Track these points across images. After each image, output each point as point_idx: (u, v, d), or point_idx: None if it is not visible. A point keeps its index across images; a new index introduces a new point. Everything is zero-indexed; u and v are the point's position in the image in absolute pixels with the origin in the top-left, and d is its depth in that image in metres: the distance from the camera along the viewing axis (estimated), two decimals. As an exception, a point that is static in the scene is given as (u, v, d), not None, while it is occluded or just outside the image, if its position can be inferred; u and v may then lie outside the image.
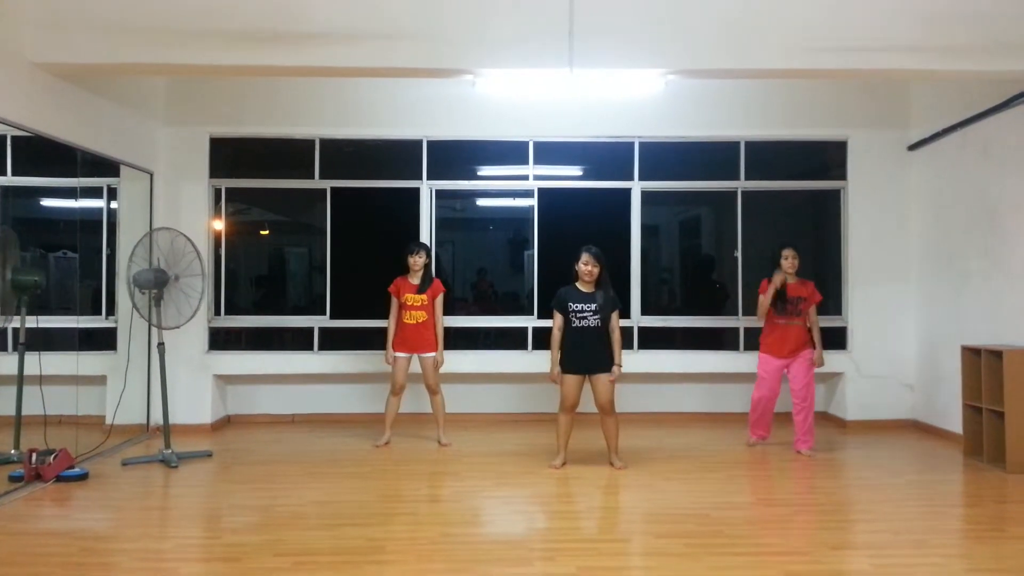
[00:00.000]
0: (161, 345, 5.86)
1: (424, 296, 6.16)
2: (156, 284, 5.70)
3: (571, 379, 5.42)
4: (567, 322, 5.42)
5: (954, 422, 6.18)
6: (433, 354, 6.19)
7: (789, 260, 5.90)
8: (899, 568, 3.62)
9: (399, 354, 6.17)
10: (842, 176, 7.26)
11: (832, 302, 7.32)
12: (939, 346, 6.67)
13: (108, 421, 6.12)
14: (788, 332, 5.88)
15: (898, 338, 7.13)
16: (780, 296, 5.90)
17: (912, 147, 7.07)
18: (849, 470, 5.67)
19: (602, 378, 5.40)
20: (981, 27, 5.11)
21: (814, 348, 5.95)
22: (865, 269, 7.16)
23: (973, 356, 5.76)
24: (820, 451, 6.01)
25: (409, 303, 6.15)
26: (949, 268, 6.58)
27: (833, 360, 7.11)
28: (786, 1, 5.18)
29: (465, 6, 5.16)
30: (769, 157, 7.32)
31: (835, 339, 7.17)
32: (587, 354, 5.39)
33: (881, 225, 7.16)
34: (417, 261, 6.16)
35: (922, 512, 4.55)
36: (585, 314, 5.36)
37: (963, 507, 4.86)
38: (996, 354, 5.49)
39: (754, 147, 7.29)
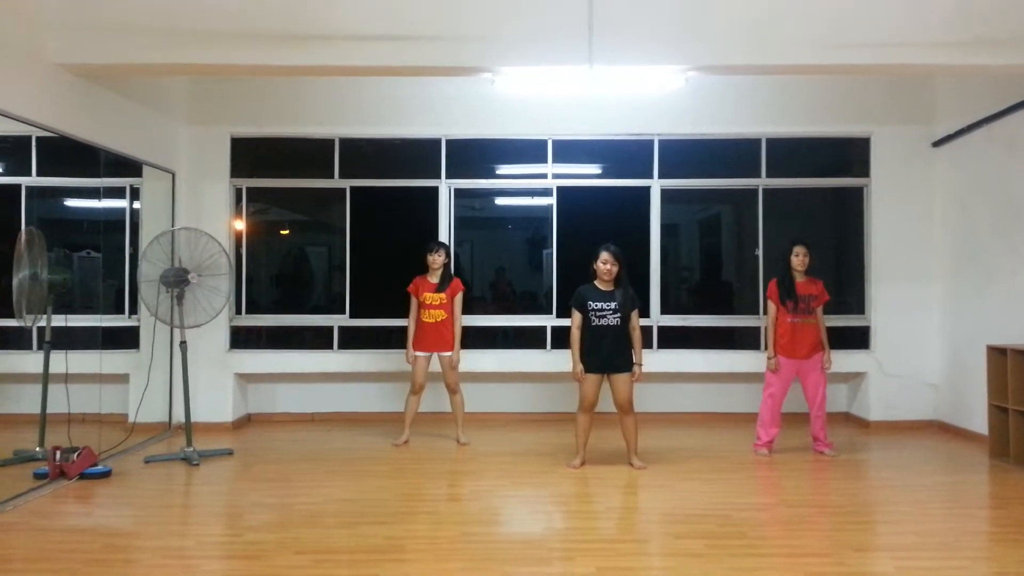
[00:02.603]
0: (183, 344, 5.91)
1: (443, 295, 6.17)
2: (176, 283, 5.76)
3: (590, 378, 5.40)
4: (586, 321, 5.40)
5: (979, 422, 6.09)
6: (451, 353, 6.20)
7: (800, 257, 5.85)
8: (924, 571, 3.57)
9: (419, 353, 6.19)
10: (865, 173, 7.18)
11: (855, 301, 7.25)
12: (964, 345, 6.58)
13: (131, 419, 6.17)
14: (802, 332, 5.80)
15: (922, 337, 7.04)
16: (791, 294, 5.83)
17: (937, 143, 6.97)
18: (872, 471, 5.61)
19: (621, 377, 5.37)
20: (1007, 21, 5.02)
21: (824, 351, 5.89)
22: (888, 267, 7.07)
23: (999, 355, 5.67)
24: (843, 452, 5.94)
25: (428, 302, 6.16)
26: (974, 266, 6.49)
27: (856, 360, 7.05)
28: (808, -4, 5.13)
29: (484, 4, 5.15)
30: (791, 154, 7.25)
31: (858, 338, 7.11)
32: (606, 353, 5.37)
33: (905, 223, 7.07)
34: (436, 260, 6.16)
35: (947, 514, 4.49)
36: (604, 313, 5.34)
37: (989, 509, 4.79)
38: (1022, 354, 5.40)
39: (776, 144, 7.22)
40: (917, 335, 7.04)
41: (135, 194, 6.59)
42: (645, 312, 7.03)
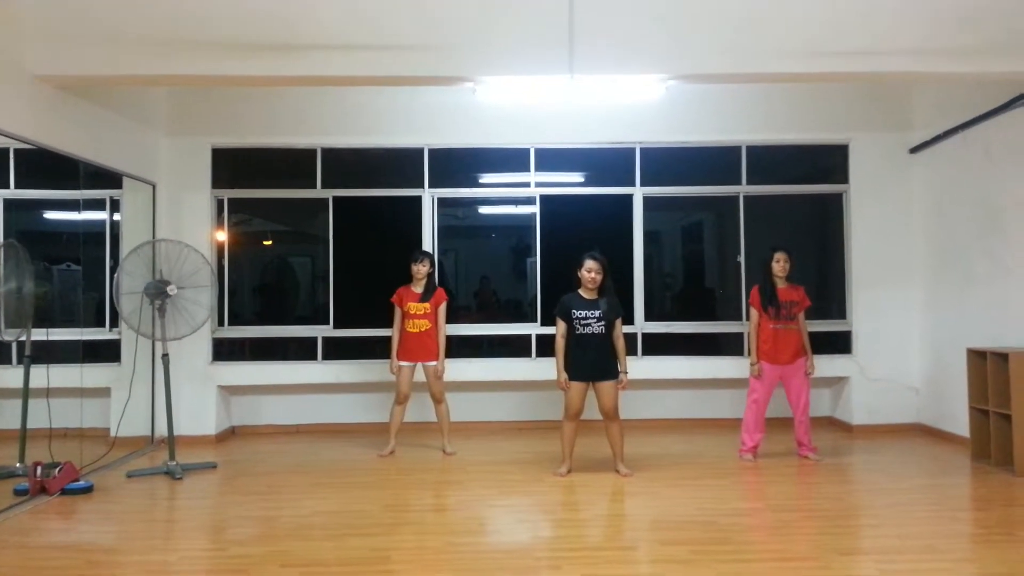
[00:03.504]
0: (165, 356, 5.86)
1: (427, 304, 6.16)
2: (156, 295, 5.72)
3: (575, 386, 5.40)
4: (571, 330, 5.40)
5: (961, 425, 6.15)
6: (435, 363, 6.18)
7: (780, 263, 5.88)
8: (907, 573, 3.61)
9: (403, 363, 6.17)
10: (844, 179, 7.26)
11: (836, 306, 7.32)
12: (944, 349, 6.65)
13: (112, 433, 6.11)
14: (784, 337, 5.84)
15: (903, 341, 7.10)
16: (772, 301, 5.86)
17: (914, 150, 7.06)
18: (856, 475, 5.65)
19: (606, 385, 5.38)
20: (981, 29, 5.11)
21: (806, 356, 5.92)
22: (869, 272, 7.14)
23: (978, 359, 5.73)
24: (827, 456, 5.98)
25: (412, 312, 6.15)
26: (953, 270, 6.57)
27: (838, 364, 7.11)
28: (786, 5, 5.18)
29: (465, 14, 5.16)
30: (771, 161, 7.31)
31: (840, 343, 7.17)
32: (591, 361, 5.38)
33: (884, 228, 7.14)
34: (420, 269, 6.16)
35: (930, 517, 4.52)
36: (589, 321, 5.35)
37: (972, 511, 4.84)
38: (1002, 356, 5.46)
39: (756, 151, 7.28)
40: (898, 339, 7.10)
41: (115, 206, 6.54)
42: (629, 319, 7.07)
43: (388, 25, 5.13)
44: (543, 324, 7.16)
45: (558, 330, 5.46)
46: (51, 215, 6.37)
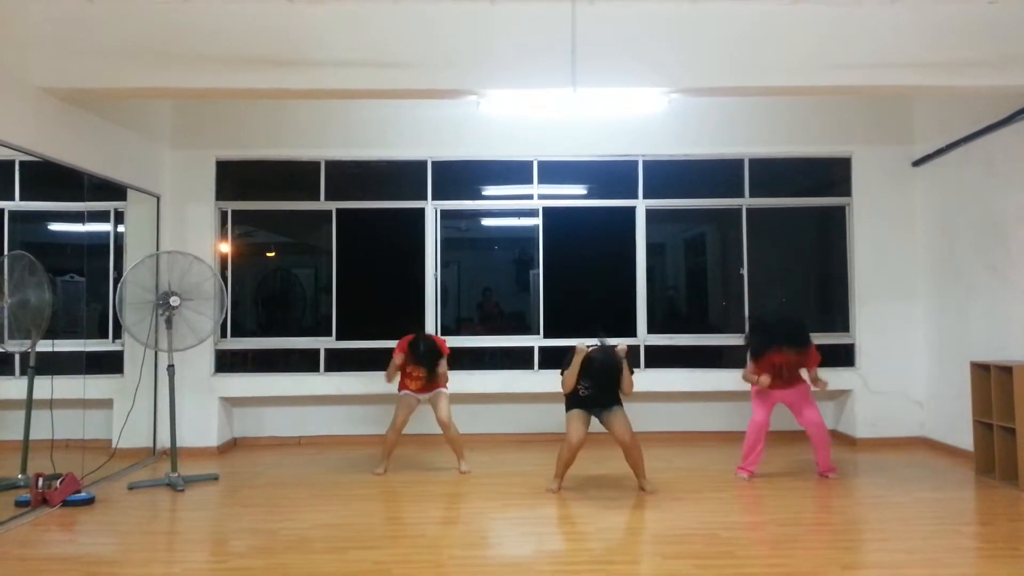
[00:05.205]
0: (171, 367, 5.86)
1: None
2: (158, 305, 5.72)
3: (576, 415, 5.33)
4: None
5: (965, 439, 6.12)
6: (442, 390, 6.08)
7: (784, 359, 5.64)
8: (912, 588, 3.58)
9: (407, 392, 6.06)
10: (847, 192, 7.26)
11: (839, 319, 7.31)
12: (948, 362, 6.63)
13: (114, 444, 6.10)
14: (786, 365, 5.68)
15: (906, 354, 7.09)
16: (770, 369, 5.67)
17: (916, 163, 7.06)
18: (860, 488, 5.62)
19: (615, 415, 5.30)
20: (984, 42, 5.13)
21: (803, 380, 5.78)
22: (872, 285, 7.14)
23: (982, 372, 5.72)
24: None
25: (415, 374, 6.00)
26: (956, 283, 6.56)
27: (842, 377, 7.08)
28: (788, 18, 5.20)
29: (468, 27, 5.20)
30: (773, 174, 7.32)
31: (843, 356, 7.15)
32: (594, 394, 5.32)
33: (887, 241, 7.15)
34: (418, 370, 5.96)
35: (934, 531, 4.50)
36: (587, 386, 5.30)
37: (976, 525, 4.80)
38: (1006, 370, 5.45)
39: (758, 164, 7.29)
40: (902, 352, 7.09)
41: (119, 218, 6.57)
42: (631, 331, 7.07)
43: (392, 38, 5.16)
44: (546, 336, 7.16)
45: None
46: (55, 227, 6.39)
